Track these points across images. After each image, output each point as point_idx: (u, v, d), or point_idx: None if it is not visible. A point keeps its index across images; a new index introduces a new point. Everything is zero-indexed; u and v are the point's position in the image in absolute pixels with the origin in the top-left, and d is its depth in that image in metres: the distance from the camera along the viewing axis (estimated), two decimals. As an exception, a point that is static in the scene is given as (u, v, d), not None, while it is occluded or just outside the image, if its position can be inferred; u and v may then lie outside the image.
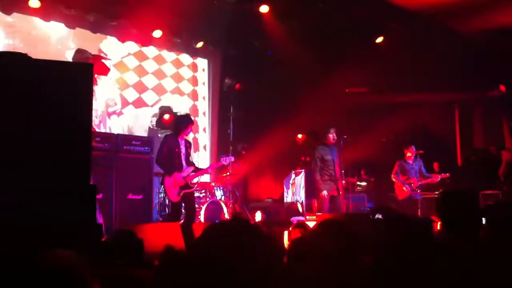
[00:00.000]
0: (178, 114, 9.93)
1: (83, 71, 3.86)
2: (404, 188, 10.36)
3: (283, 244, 5.94)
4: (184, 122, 8.14)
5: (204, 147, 12.38)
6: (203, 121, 12.52)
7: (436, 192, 11.09)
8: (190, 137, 8.87)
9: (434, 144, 12.58)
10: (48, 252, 2.14)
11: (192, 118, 8.62)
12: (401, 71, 11.64)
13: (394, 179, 10.52)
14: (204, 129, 12.49)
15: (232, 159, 8.91)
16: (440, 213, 3.28)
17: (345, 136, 9.66)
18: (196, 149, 11.85)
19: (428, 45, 11.55)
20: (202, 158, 11.98)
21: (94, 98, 4.53)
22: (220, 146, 12.03)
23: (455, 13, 10.44)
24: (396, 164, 10.55)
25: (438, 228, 5.96)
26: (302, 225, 5.66)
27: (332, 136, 9.34)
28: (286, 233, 6.41)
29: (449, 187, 10.31)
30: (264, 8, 10.59)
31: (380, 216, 3.31)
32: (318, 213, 8.70)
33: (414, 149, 10.44)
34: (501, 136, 12.94)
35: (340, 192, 9.35)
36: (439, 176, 10.61)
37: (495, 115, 13.20)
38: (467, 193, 3.28)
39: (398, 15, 10.78)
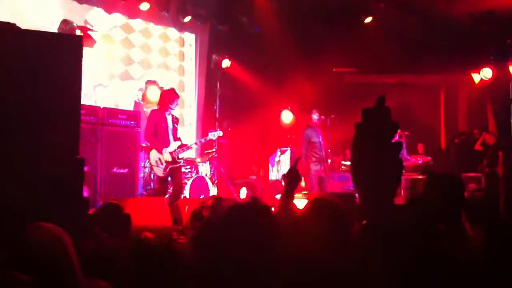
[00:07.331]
0: (164, 88, 9.84)
1: (73, 43, 3.80)
2: None
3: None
4: (169, 97, 8.09)
5: (190, 123, 12.31)
6: (190, 97, 12.42)
7: (419, 174, 11.20)
8: (176, 112, 8.81)
9: (418, 126, 12.65)
10: (31, 225, 2.12)
11: (178, 93, 8.55)
12: (388, 52, 11.63)
13: None
14: (190, 105, 12.40)
15: (221, 133, 8.93)
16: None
17: (333, 116, 9.68)
18: (182, 125, 11.80)
19: (414, 27, 11.53)
20: (187, 134, 11.92)
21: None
22: (206, 123, 11.96)
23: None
24: None
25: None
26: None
27: (315, 117, 9.35)
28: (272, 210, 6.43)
29: (432, 170, 10.45)
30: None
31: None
32: (305, 192, 8.73)
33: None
34: (485, 119, 13.02)
35: (327, 174, 9.41)
36: (420, 159, 10.73)
37: (480, 98, 13.25)
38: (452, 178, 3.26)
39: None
